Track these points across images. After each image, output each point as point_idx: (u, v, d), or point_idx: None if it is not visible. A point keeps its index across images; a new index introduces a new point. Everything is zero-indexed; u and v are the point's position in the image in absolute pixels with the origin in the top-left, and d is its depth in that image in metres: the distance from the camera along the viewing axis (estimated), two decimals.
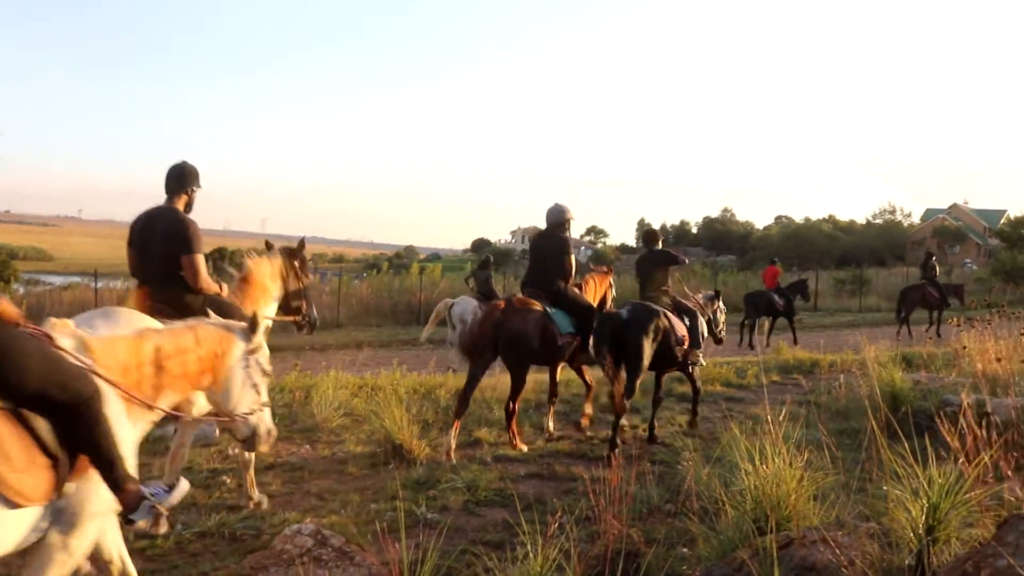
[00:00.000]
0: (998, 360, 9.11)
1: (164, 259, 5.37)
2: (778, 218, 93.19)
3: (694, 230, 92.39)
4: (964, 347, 10.50)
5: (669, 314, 8.00)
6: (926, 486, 3.74)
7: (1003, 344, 9.79)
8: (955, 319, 13.00)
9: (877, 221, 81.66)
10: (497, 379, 10.65)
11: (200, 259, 5.41)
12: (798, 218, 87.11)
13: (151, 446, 6.91)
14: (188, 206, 5.63)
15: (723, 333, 9.65)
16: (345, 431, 8.18)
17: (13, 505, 2.87)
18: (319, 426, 8.29)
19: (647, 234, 9.26)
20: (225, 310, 5.11)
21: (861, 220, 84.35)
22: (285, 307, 6.45)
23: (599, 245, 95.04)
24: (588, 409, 8.55)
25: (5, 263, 31.90)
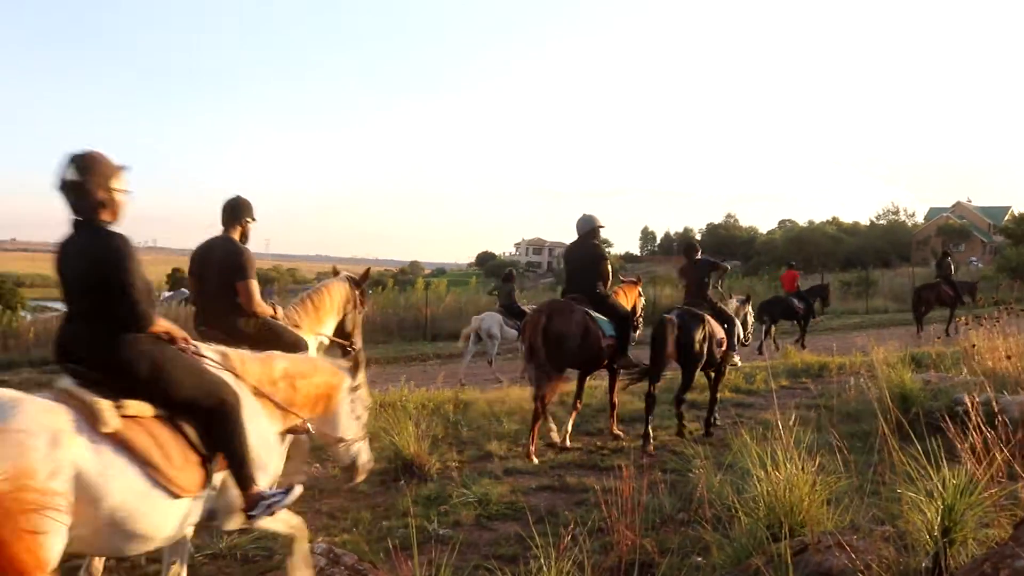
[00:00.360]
0: (1008, 358, 9.08)
1: (220, 286, 5.78)
2: (782, 222, 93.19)
3: (698, 236, 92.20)
4: (974, 345, 10.46)
5: (711, 319, 8.74)
6: (940, 487, 3.72)
7: (1012, 341, 9.76)
8: (963, 317, 12.98)
9: (881, 222, 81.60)
10: (505, 392, 10.65)
11: (254, 284, 5.80)
12: (802, 221, 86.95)
13: None
14: (243, 236, 6.06)
15: (751, 336, 10.56)
16: None
17: (175, 496, 3.48)
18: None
19: (688, 247, 10.01)
20: (278, 333, 5.78)
21: (865, 221, 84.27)
22: (339, 331, 6.74)
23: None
24: (614, 426, 8.78)
25: (12, 291, 31.99)
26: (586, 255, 8.58)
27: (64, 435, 3.14)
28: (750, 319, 10.82)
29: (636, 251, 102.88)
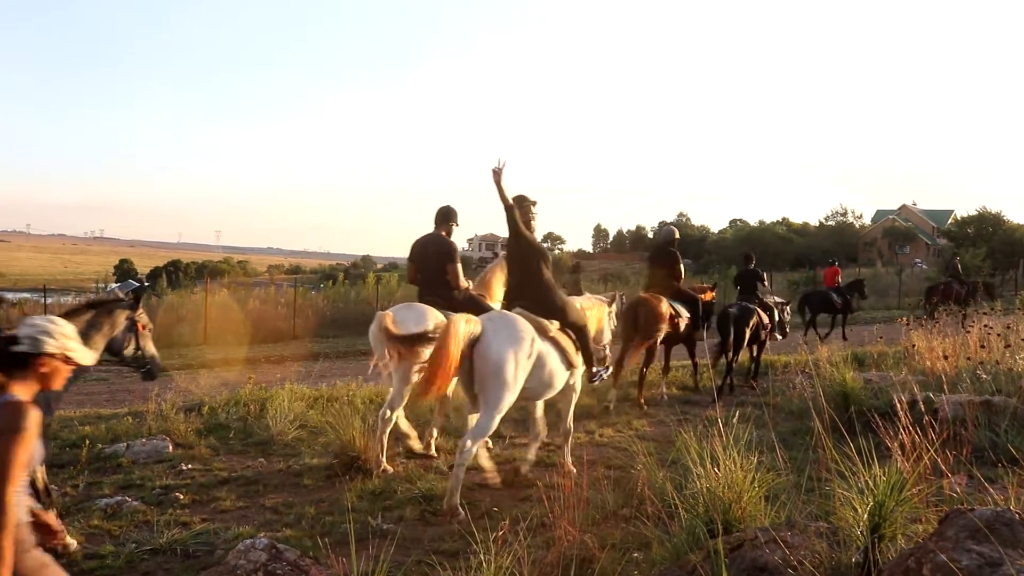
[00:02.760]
0: (945, 358, 9.30)
1: (436, 269, 7.87)
2: (733, 221, 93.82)
3: (650, 235, 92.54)
4: (914, 346, 10.70)
5: (759, 310, 12.14)
6: (871, 484, 3.80)
7: (949, 342, 9.99)
8: (904, 318, 13.30)
9: (830, 223, 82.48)
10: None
11: (459, 268, 7.92)
12: (753, 221, 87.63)
13: None
14: (448, 234, 8.15)
15: (788, 329, 14.10)
16: (301, 443, 8.11)
17: (571, 367, 6.78)
18: (274, 439, 8.21)
19: (746, 257, 13.61)
20: (475, 301, 7.92)
21: (814, 222, 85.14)
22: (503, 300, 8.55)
23: (556, 252, 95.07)
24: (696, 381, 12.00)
25: None
26: (666, 258, 11.51)
27: (535, 336, 6.33)
28: (787, 316, 13.89)
29: (589, 248, 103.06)
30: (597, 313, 7.73)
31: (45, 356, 3.08)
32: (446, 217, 8.13)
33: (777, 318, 13.07)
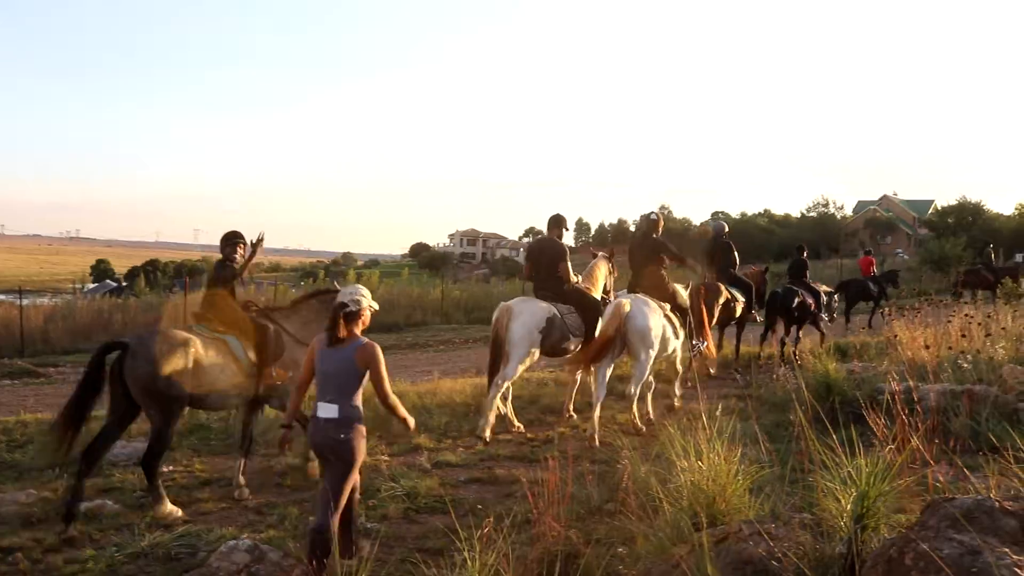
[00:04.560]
0: (927, 347, 9.34)
1: (549, 267, 9.09)
2: (715, 214, 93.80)
3: (632, 228, 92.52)
4: (895, 336, 10.74)
5: (805, 292, 13.95)
6: (854, 475, 3.79)
7: (931, 332, 10.03)
8: (887, 308, 13.44)
9: (811, 214, 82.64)
10: (436, 384, 10.60)
11: (569, 266, 9.11)
12: (735, 213, 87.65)
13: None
14: (560, 236, 9.39)
15: (835, 316, 16.13)
16: None
17: (676, 337, 9.16)
18: (256, 439, 8.14)
19: (798, 248, 15.61)
20: (582, 293, 9.11)
21: (796, 214, 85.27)
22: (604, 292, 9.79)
23: None
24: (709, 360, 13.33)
25: None
26: (722, 249, 13.56)
27: (658, 311, 8.73)
28: (835, 304, 15.68)
29: (571, 241, 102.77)
30: (683, 299, 9.88)
31: (364, 310, 4.79)
32: (557, 223, 9.47)
33: (824, 302, 14.76)
